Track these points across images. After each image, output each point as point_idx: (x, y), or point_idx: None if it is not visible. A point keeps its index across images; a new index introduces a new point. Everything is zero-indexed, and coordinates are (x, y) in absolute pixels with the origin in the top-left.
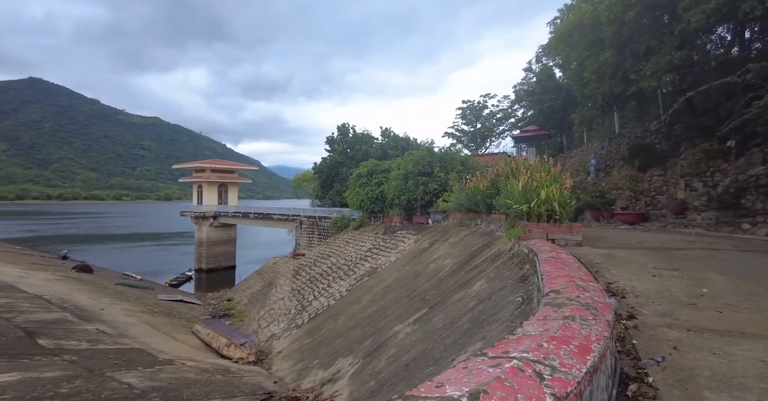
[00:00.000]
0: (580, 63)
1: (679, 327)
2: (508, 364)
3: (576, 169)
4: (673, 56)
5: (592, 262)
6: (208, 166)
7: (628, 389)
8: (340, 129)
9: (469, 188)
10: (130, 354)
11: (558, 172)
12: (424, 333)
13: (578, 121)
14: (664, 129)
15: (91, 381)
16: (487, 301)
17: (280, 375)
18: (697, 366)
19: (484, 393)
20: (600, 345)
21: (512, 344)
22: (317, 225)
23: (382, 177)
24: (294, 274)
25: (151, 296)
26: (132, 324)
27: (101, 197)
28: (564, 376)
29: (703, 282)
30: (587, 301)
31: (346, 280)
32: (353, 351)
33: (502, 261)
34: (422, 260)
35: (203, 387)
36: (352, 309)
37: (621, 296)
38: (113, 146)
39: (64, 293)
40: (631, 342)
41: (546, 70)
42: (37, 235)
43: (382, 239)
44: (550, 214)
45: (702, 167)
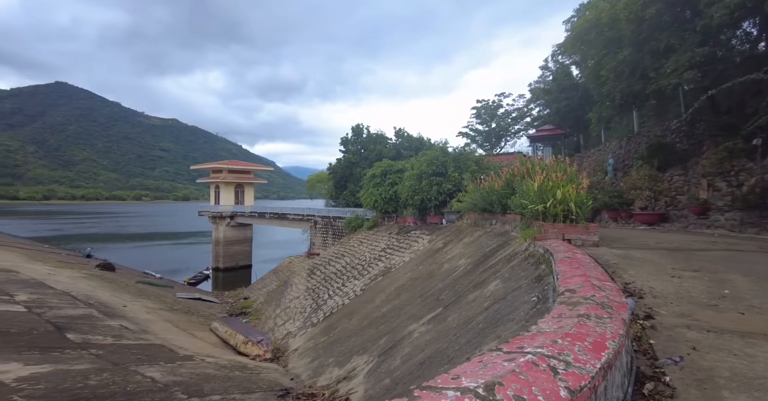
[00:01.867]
0: (598, 61)
1: (699, 328)
2: (522, 359)
3: (593, 169)
4: (695, 53)
5: (609, 263)
6: (225, 167)
7: (645, 387)
8: (354, 129)
9: (483, 188)
10: (152, 349)
11: (575, 172)
12: (438, 333)
13: (595, 119)
14: (686, 127)
15: (117, 374)
16: (502, 301)
17: (296, 373)
18: (717, 366)
19: (499, 385)
20: (615, 343)
21: (527, 340)
22: (331, 226)
23: (395, 177)
24: (309, 273)
25: (170, 294)
26: (153, 321)
27: (122, 197)
28: (578, 371)
29: (725, 284)
30: (603, 300)
31: (360, 280)
32: (368, 349)
33: (517, 261)
34: (436, 260)
35: (222, 383)
36: (366, 309)
37: (638, 296)
38: (133, 147)
39: (89, 290)
40: (648, 341)
41: (563, 69)
42: (62, 234)
43: (396, 239)
44: (566, 214)
45: (725, 166)
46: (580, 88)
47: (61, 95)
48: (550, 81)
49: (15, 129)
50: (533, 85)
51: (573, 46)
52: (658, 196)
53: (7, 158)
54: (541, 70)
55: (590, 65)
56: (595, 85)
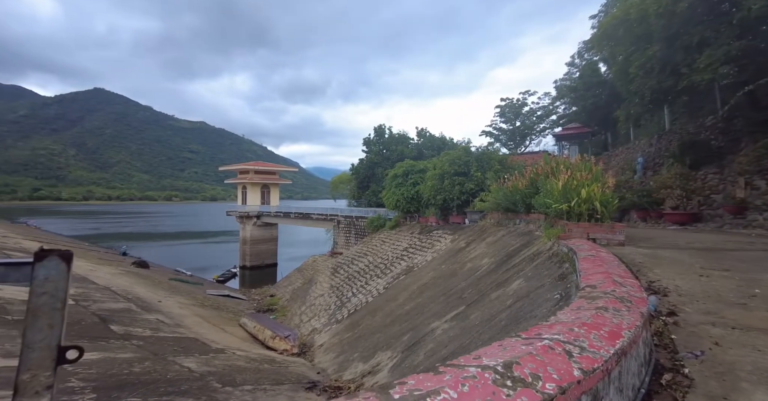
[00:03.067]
0: (626, 58)
1: (724, 325)
2: (539, 343)
3: (621, 168)
4: (731, 47)
5: (634, 262)
6: (251, 168)
7: (663, 378)
8: (377, 130)
9: (507, 188)
10: (186, 342)
11: (600, 171)
12: (461, 329)
13: (623, 117)
14: (721, 124)
15: (157, 364)
16: (525, 299)
17: (322, 367)
18: (739, 361)
19: (516, 364)
20: (630, 333)
21: (545, 328)
22: (354, 225)
23: (417, 177)
24: (332, 272)
25: (201, 291)
26: (186, 315)
27: (153, 198)
28: (592, 355)
29: (757, 284)
30: (622, 295)
31: (383, 278)
32: (392, 345)
33: (541, 260)
34: (459, 259)
35: (253, 375)
36: (389, 306)
37: (663, 294)
38: (164, 150)
39: (127, 286)
40: (669, 336)
41: (590, 65)
42: (100, 233)
43: (418, 239)
44: (590, 214)
45: (765, 164)
46: (608, 86)
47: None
48: (577, 78)
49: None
50: (559, 82)
51: (600, 42)
52: (690, 195)
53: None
54: (568, 67)
55: (618, 62)
56: (623, 82)
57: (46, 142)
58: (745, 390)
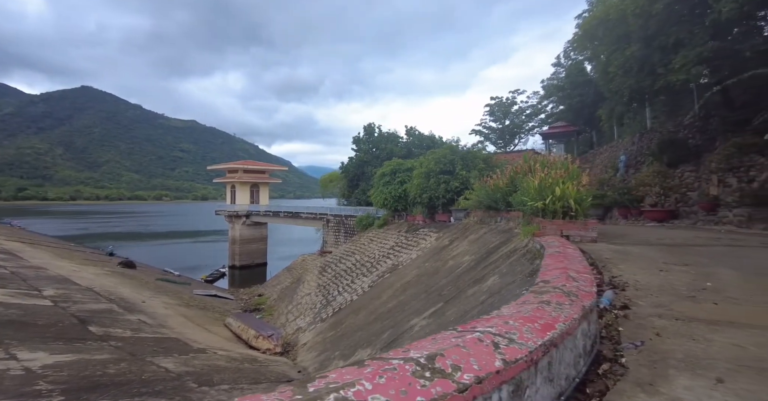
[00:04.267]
0: (607, 57)
1: (669, 317)
2: (470, 336)
3: (605, 166)
4: (704, 48)
5: (602, 257)
6: (240, 167)
7: (601, 367)
8: (366, 129)
9: (489, 186)
10: (168, 342)
11: (576, 169)
12: (437, 326)
13: (605, 116)
14: (698, 123)
15: (134, 364)
16: (496, 295)
17: (304, 365)
18: (673, 350)
19: (440, 356)
20: (564, 325)
21: (482, 321)
22: (343, 224)
23: (405, 176)
24: (320, 271)
25: (188, 291)
26: (170, 316)
27: (143, 197)
28: (518, 346)
29: (710, 277)
30: (571, 289)
31: (369, 276)
32: (372, 343)
33: (516, 257)
34: (442, 257)
35: (232, 374)
36: (373, 304)
37: (621, 288)
38: (154, 149)
39: (111, 286)
40: (617, 329)
41: (575, 65)
42: (87, 233)
43: (405, 237)
44: (565, 211)
45: (735, 162)
46: (593, 85)
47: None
48: (563, 78)
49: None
50: (546, 81)
51: (583, 42)
52: (668, 193)
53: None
54: (554, 66)
55: (601, 61)
56: (604, 81)
57: (33, 141)
58: (670, 376)
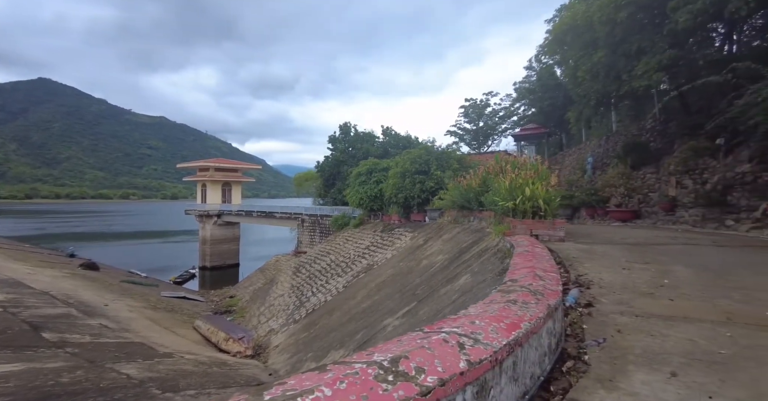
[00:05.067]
0: (575, 62)
1: (630, 313)
2: (436, 337)
3: (573, 167)
4: (663, 56)
5: (569, 256)
6: (212, 165)
7: (564, 365)
8: (342, 128)
9: (462, 186)
10: (131, 347)
11: (546, 170)
12: (410, 326)
13: (573, 119)
14: (659, 127)
15: (91, 372)
16: (468, 294)
17: (275, 368)
18: (632, 346)
19: (404, 358)
20: (530, 324)
21: (449, 322)
22: (318, 224)
23: (381, 175)
24: (294, 271)
25: (155, 293)
26: (134, 319)
27: (108, 196)
28: (483, 347)
29: (668, 275)
30: (537, 288)
31: (344, 277)
32: (345, 344)
33: (487, 256)
34: (416, 256)
35: (199, 378)
36: (347, 305)
37: (586, 287)
38: (121, 145)
39: (70, 290)
40: (581, 326)
41: (546, 69)
42: (45, 233)
43: (380, 237)
44: (535, 211)
45: (691, 164)
46: (563, 88)
47: (45, 92)
48: (535, 81)
49: None
50: (518, 84)
51: (553, 47)
52: (631, 194)
53: None
54: (526, 70)
55: (570, 66)
56: (573, 85)
57: None
58: (629, 372)
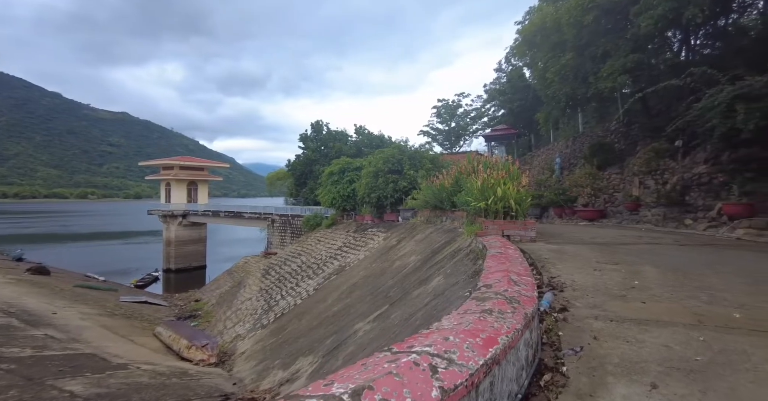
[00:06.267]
0: (544, 64)
1: (605, 318)
2: (405, 359)
3: (542, 168)
4: (627, 59)
5: (541, 257)
6: (176, 163)
7: (542, 379)
8: (314, 126)
9: (435, 186)
10: (80, 359)
11: (517, 170)
12: (381, 330)
13: (542, 120)
14: (623, 129)
15: (27, 391)
16: (440, 297)
17: (240, 376)
18: (609, 354)
19: (368, 389)
20: (507, 338)
21: (420, 338)
22: (290, 224)
23: (354, 175)
24: (264, 274)
25: (114, 298)
26: (87, 328)
27: (64, 195)
28: (458, 369)
29: (637, 276)
30: (513, 295)
31: (315, 279)
32: (314, 350)
33: (460, 257)
34: (389, 257)
35: (155, 392)
36: (318, 308)
37: (559, 289)
38: (78, 142)
39: (13, 297)
40: (557, 334)
41: (516, 70)
42: None
43: (353, 237)
44: (506, 211)
45: (653, 165)
46: (532, 90)
47: None
48: (505, 82)
49: None
50: (488, 86)
51: (522, 49)
52: (598, 194)
53: None
54: (496, 71)
55: (539, 68)
56: (542, 87)
57: None
58: (609, 385)
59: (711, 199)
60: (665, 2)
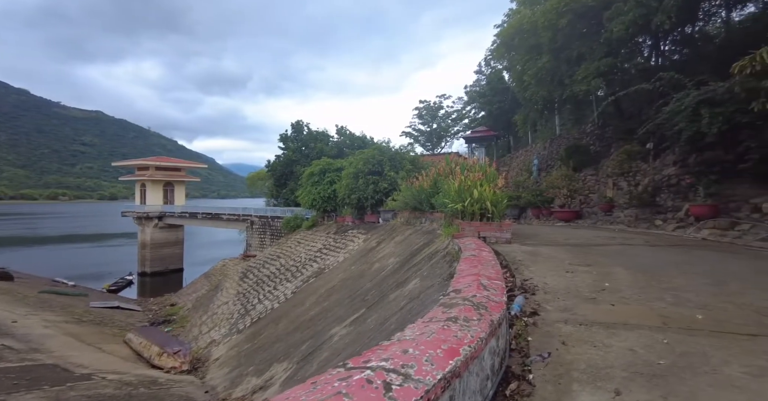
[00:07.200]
0: (522, 67)
1: (574, 322)
2: (358, 376)
3: (520, 169)
4: (600, 63)
5: (515, 259)
6: (152, 164)
7: (508, 388)
8: (294, 126)
9: (414, 187)
10: (40, 371)
11: (494, 172)
12: (357, 335)
13: (521, 122)
14: (598, 131)
15: None
16: (415, 300)
17: (213, 384)
18: (576, 359)
19: None
20: (470, 348)
21: (379, 351)
22: (269, 226)
23: (334, 175)
24: (242, 277)
25: (83, 304)
26: (51, 336)
27: (33, 197)
28: (414, 385)
29: (608, 277)
30: (481, 300)
31: (293, 282)
32: (289, 356)
33: (437, 259)
34: (368, 259)
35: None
36: (295, 312)
37: (531, 293)
38: (47, 141)
39: None
40: (526, 339)
41: (495, 73)
42: None
43: (333, 239)
44: (482, 213)
45: (625, 167)
46: (511, 92)
47: None
48: (484, 85)
49: None
50: (468, 88)
51: (500, 50)
52: (573, 195)
53: None
54: (476, 74)
55: (516, 71)
56: (520, 89)
57: None
58: (574, 393)
59: (679, 200)
60: (635, 8)
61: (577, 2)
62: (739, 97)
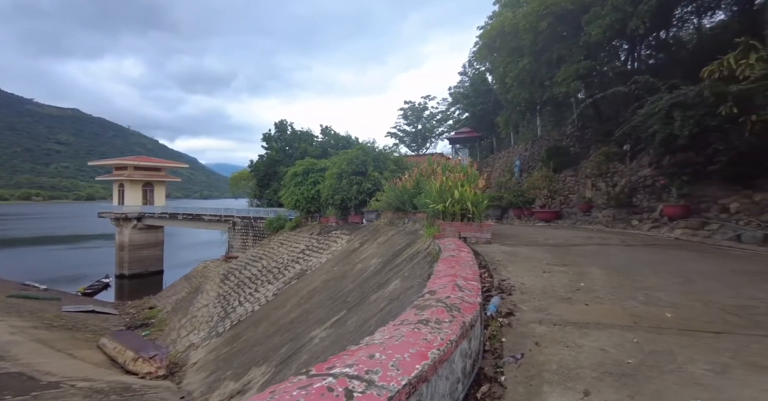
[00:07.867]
0: (503, 68)
1: (548, 322)
2: (318, 384)
3: (503, 170)
4: (580, 65)
5: (494, 259)
6: (130, 164)
7: (479, 390)
8: (278, 126)
9: (398, 188)
10: (3, 380)
11: (475, 173)
12: (336, 337)
13: (503, 124)
14: (578, 133)
15: None
16: (395, 301)
17: (189, 389)
18: (549, 360)
19: None
20: (439, 351)
21: (345, 357)
22: (252, 226)
23: (318, 176)
24: (223, 279)
25: (55, 308)
26: (17, 343)
27: (3, 197)
28: (377, 392)
29: (584, 277)
30: (455, 302)
31: (275, 284)
32: (268, 359)
33: (418, 260)
34: (351, 260)
35: None
36: (276, 315)
37: (508, 293)
38: (19, 139)
39: None
40: (500, 340)
41: (479, 75)
42: None
43: (316, 240)
44: (463, 213)
45: (603, 168)
46: (494, 94)
47: None
48: (468, 86)
49: None
50: (453, 89)
51: (483, 52)
52: (554, 195)
53: None
54: (460, 75)
55: (499, 72)
56: (502, 91)
57: None
58: (544, 394)
59: (654, 200)
60: (612, 13)
61: (557, 6)
62: (708, 100)
